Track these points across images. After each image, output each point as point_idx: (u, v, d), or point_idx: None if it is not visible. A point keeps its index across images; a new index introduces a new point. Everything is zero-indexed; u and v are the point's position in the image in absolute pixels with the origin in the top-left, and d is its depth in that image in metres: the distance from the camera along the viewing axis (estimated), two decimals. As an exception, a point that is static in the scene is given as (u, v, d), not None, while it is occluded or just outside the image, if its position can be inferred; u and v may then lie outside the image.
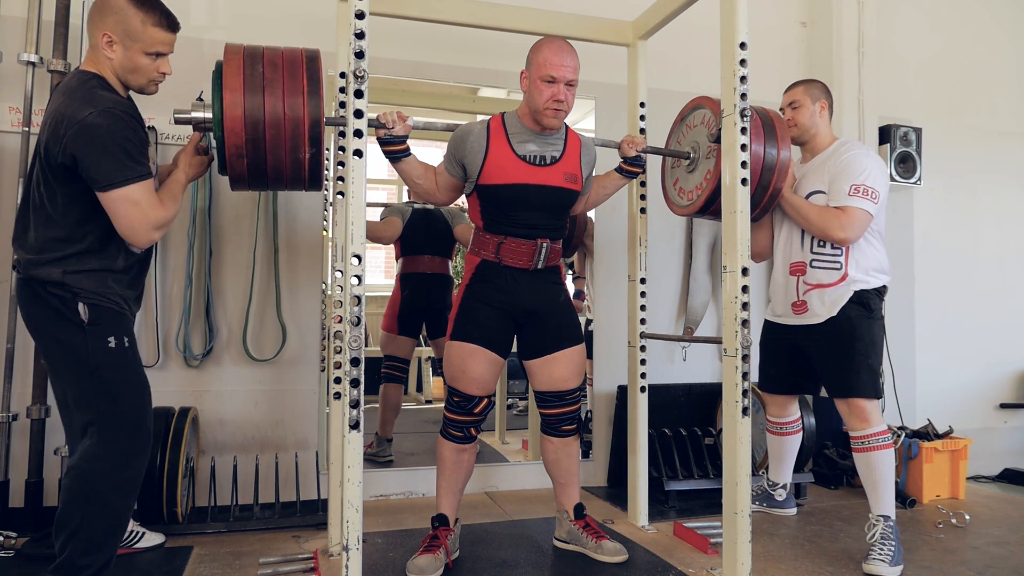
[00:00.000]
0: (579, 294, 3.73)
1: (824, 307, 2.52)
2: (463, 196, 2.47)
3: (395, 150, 2.29)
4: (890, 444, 2.42)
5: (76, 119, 1.78)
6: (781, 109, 2.73)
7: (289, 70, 2.03)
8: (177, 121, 2.08)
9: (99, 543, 1.85)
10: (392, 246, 3.74)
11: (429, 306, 3.64)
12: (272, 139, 1.99)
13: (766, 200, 2.51)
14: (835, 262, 2.51)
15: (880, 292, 2.55)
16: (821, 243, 2.53)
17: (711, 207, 2.51)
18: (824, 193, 2.53)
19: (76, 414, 1.90)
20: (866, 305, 2.49)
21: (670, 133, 2.79)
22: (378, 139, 2.27)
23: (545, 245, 2.38)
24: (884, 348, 2.62)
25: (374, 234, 3.54)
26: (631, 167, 2.56)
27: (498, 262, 2.37)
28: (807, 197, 2.56)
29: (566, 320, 2.48)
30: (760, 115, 2.49)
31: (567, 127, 2.47)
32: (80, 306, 1.85)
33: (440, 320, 3.55)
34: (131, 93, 2.02)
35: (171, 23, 1.97)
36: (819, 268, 2.54)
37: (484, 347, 2.35)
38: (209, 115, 2.02)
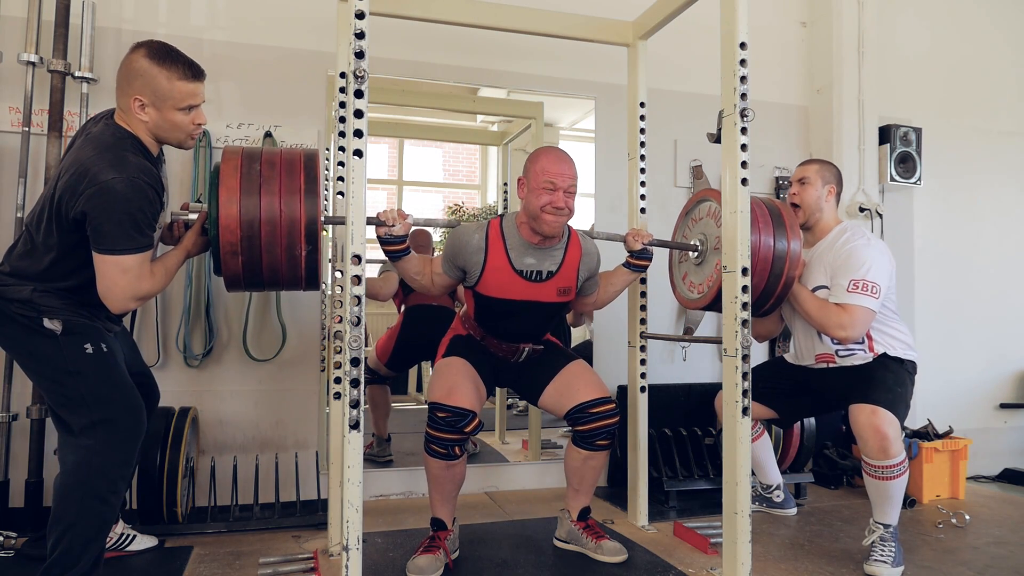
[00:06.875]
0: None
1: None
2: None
3: (395, 249, 2.26)
4: (906, 471, 2.33)
5: (98, 180, 1.78)
6: (790, 182, 2.72)
7: (287, 170, 2.02)
8: (173, 222, 2.11)
9: (92, 537, 1.86)
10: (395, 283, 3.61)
11: (431, 340, 3.02)
12: (267, 237, 1.98)
13: (780, 289, 2.44)
14: (860, 348, 2.49)
15: (909, 368, 2.48)
16: None
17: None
18: (828, 288, 2.49)
19: (70, 417, 1.89)
20: (898, 363, 2.45)
21: (675, 227, 2.77)
22: (378, 237, 2.24)
23: (527, 348, 2.47)
24: (908, 410, 2.46)
25: (371, 290, 3.45)
26: (638, 260, 2.54)
27: (482, 345, 2.46)
28: (813, 291, 2.53)
29: (553, 352, 2.53)
30: (767, 206, 2.47)
31: (571, 231, 2.43)
32: (45, 321, 1.86)
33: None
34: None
35: (195, 72, 1.95)
36: (846, 356, 2.52)
37: (474, 367, 2.39)
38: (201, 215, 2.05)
